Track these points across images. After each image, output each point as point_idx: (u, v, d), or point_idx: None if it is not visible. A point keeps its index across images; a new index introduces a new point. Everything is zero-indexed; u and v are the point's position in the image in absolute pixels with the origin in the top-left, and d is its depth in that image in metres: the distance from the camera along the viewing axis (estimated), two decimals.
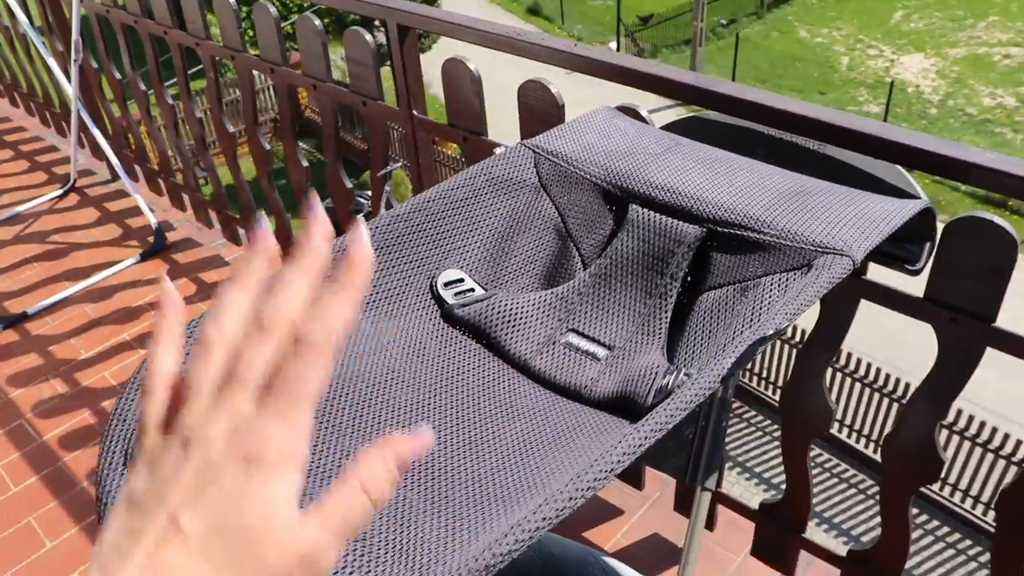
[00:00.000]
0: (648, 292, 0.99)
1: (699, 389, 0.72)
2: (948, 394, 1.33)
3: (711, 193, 1.02)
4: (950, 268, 1.21)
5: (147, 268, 3.04)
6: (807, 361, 1.49)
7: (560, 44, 1.50)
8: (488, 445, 0.82)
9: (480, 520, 0.69)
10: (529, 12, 20.86)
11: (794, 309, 0.82)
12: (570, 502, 0.63)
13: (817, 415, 1.52)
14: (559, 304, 1.01)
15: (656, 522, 1.96)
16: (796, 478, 1.64)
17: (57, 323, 2.80)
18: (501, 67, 7.14)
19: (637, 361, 0.92)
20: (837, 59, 17.67)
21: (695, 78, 1.34)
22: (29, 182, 3.66)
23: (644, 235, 1.02)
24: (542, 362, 0.96)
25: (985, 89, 15.99)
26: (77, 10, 2.81)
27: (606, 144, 1.16)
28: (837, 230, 0.94)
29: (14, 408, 2.46)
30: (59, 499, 2.18)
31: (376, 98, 1.99)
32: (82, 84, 3.23)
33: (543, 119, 1.58)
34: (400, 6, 1.78)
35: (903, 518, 1.50)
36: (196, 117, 2.85)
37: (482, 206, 1.05)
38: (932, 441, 1.38)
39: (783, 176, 1.08)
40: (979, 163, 1.11)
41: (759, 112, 1.29)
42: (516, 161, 1.11)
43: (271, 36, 2.22)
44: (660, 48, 18.70)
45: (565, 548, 1.21)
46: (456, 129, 1.80)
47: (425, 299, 0.99)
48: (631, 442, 0.67)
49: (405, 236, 0.99)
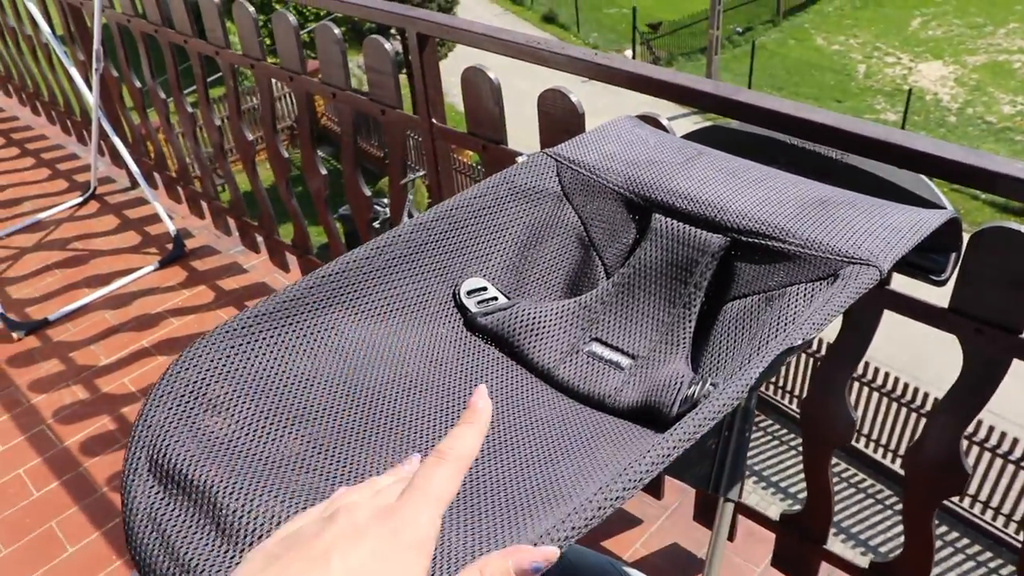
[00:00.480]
0: (672, 301, 0.99)
1: (727, 399, 0.71)
2: (973, 406, 1.31)
3: (734, 202, 1.01)
4: (976, 279, 1.20)
5: (166, 275, 3.06)
6: (830, 372, 1.48)
7: (580, 53, 1.50)
8: (512, 454, 0.82)
9: (507, 530, 0.69)
10: (544, 20, 20.90)
11: (821, 319, 0.81)
12: (599, 512, 0.62)
13: (840, 427, 1.51)
14: (582, 313, 1.00)
15: (675, 532, 1.95)
16: (818, 490, 1.63)
17: (77, 330, 2.82)
18: (515, 76, 7.16)
19: (661, 371, 0.91)
20: (854, 67, 17.61)
21: (715, 87, 1.34)
22: (50, 190, 3.69)
23: (667, 244, 1.01)
24: (565, 371, 0.95)
25: (1005, 97, 15.89)
26: (99, 20, 2.84)
27: (628, 153, 1.15)
28: (863, 240, 0.93)
29: (36, 414, 2.48)
30: (80, 504, 2.19)
31: (395, 106, 1.99)
32: (103, 93, 3.26)
33: (564, 128, 1.58)
34: (420, 15, 1.79)
35: (927, 531, 1.48)
36: (215, 125, 2.86)
37: (505, 215, 1.05)
38: (956, 453, 1.37)
39: (806, 185, 1.08)
40: (1007, 173, 1.10)
41: (780, 121, 1.28)
42: (538, 170, 1.11)
43: (290, 45, 2.24)
44: (676, 56, 18.70)
45: (584, 557, 1.20)
46: (476, 138, 1.80)
47: (448, 307, 0.99)
48: (660, 452, 0.66)
49: (428, 244, 0.99)
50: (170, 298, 2.94)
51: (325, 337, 0.88)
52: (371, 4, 1.93)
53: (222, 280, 3.02)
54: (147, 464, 0.72)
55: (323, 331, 0.89)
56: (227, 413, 0.77)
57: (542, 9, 21.29)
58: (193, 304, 2.91)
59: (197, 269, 3.09)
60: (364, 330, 0.91)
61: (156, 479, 0.71)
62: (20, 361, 2.69)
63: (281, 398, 0.81)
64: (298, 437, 0.77)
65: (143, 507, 0.69)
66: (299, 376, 0.84)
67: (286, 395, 0.81)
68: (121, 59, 3.15)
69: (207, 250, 3.19)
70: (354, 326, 0.91)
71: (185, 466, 0.71)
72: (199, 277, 3.04)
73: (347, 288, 0.92)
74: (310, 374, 0.85)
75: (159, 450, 0.72)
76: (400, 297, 0.95)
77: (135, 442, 0.73)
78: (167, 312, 2.87)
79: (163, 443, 0.72)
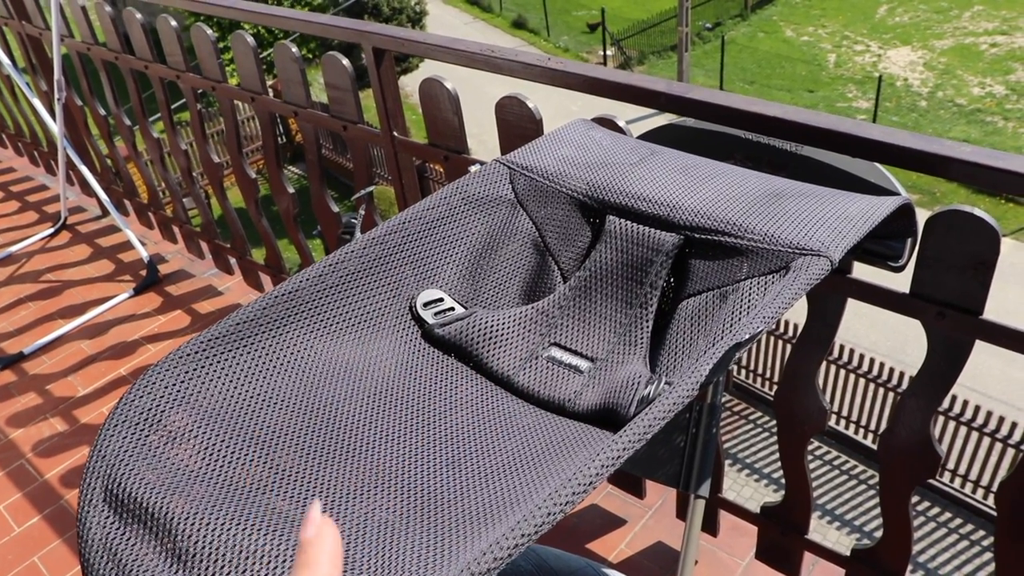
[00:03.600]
0: (628, 302, 0.99)
1: (677, 398, 0.71)
2: (940, 388, 1.32)
3: (687, 200, 1.02)
4: (933, 263, 1.21)
5: (141, 302, 3.04)
6: (798, 362, 1.48)
7: (533, 59, 1.51)
8: (472, 464, 0.82)
9: (461, 540, 0.69)
10: (514, 26, 20.93)
11: (772, 312, 0.82)
12: (549, 517, 0.62)
13: (812, 415, 1.52)
14: (540, 319, 1.00)
15: (659, 530, 1.96)
16: (795, 480, 1.63)
17: (53, 362, 2.80)
18: (490, 83, 7.17)
19: (619, 372, 0.92)
20: (824, 57, 17.71)
21: (667, 85, 1.35)
22: (20, 222, 3.66)
23: (622, 245, 1.02)
24: (525, 377, 0.95)
25: (974, 79, 16.02)
26: (58, 49, 2.83)
27: (582, 156, 1.16)
28: (814, 231, 0.94)
29: (15, 449, 2.46)
30: (63, 537, 2.17)
31: (357, 121, 1.99)
32: (68, 122, 3.24)
33: (521, 134, 1.58)
34: (375, 29, 1.79)
35: (904, 514, 1.49)
36: (181, 150, 2.85)
37: (459, 224, 1.05)
38: (928, 436, 1.37)
39: (759, 179, 1.08)
40: (956, 157, 1.11)
41: (734, 116, 1.29)
42: (491, 178, 1.11)
43: (249, 65, 2.23)
44: (647, 55, 18.75)
45: (564, 562, 1.20)
46: (437, 148, 1.80)
47: (405, 320, 0.99)
48: (609, 455, 0.67)
49: (382, 258, 0.99)
50: (146, 325, 2.93)
51: (282, 357, 0.88)
52: (326, 21, 1.93)
53: (197, 303, 3.00)
54: (102, 494, 0.71)
55: (280, 351, 0.88)
56: (184, 439, 0.76)
57: (511, 15, 21.32)
58: (169, 329, 2.89)
59: (172, 294, 3.07)
60: (321, 348, 0.91)
61: (112, 510, 0.70)
62: None
63: (239, 421, 0.80)
64: (258, 461, 0.77)
65: (99, 538, 0.69)
66: (257, 398, 0.84)
67: (244, 418, 0.81)
68: (84, 88, 3.14)
69: (181, 274, 3.18)
70: (311, 344, 0.91)
71: (142, 495, 0.70)
72: (174, 302, 3.03)
73: (302, 306, 0.92)
74: (268, 395, 0.84)
75: (114, 480, 0.71)
76: (356, 313, 0.95)
77: (89, 473, 0.73)
78: (143, 339, 2.85)
79: (118, 473, 0.72)
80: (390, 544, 0.70)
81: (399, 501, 0.76)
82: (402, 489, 0.77)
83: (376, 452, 0.83)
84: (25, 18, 3.19)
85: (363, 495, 0.76)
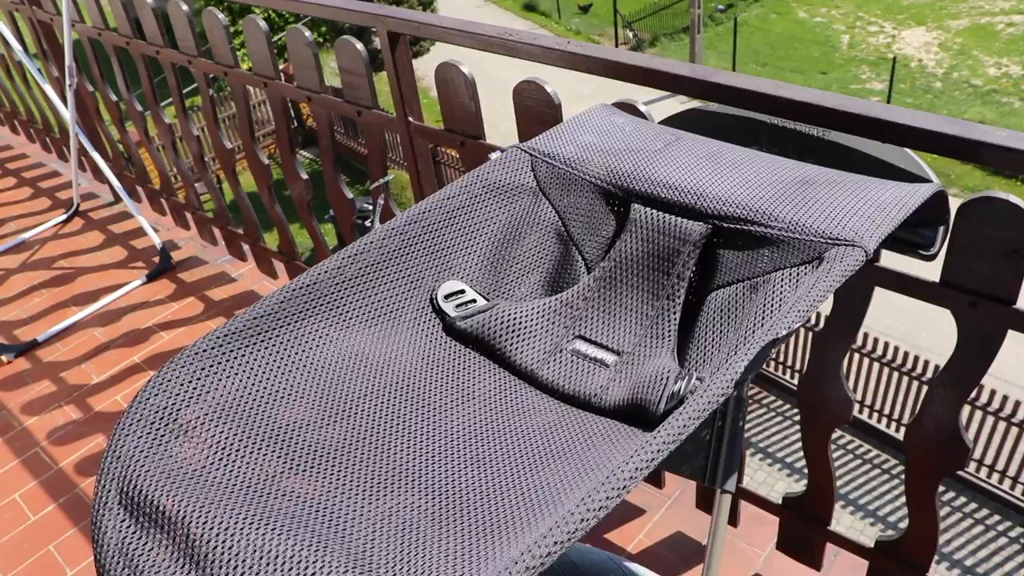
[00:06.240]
0: (655, 294, 0.96)
1: (712, 396, 0.69)
2: (970, 379, 1.29)
3: (715, 188, 0.99)
4: (966, 251, 1.18)
5: (154, 289, 3.03)
6: (823, 352, 1.45)
7: (553, 43, 1.47)
8: (497, 460, 0.80)
9: (491, 545, 0.66)
10: (525, 8, 20.79)
11: (806, 306, 0.79)
12: (583, 523, 0.60)
13: (837, 406, 1.49)
14: (564, 310, 0.98)
15: (678, 520, 1.93)
16: (819, 471, 1.61)
17: (67, 349, 2.79)
18: (500, 67, 7.12)
19: (647, 366, 0.89)
20: (837, 38, 17.53)
21: (691, 69, 1.31)
22: (33, 209, 3.66)
23: (648, 235, 0.99)
24: (549, 371, 0.93)
25: (989, 59, 15.83)
26: (69, 35, 2.80)
27: (604, 143, 1.13)
28: (847, 220, 0.91)
29: (29, 437, 2.46)
30: (78, 525, 2.17)
31: (371, 107, 1.96)
32: (79, 108, 3.22)
33: (540, 119, 1.55)
34: (389, 12, 1.76)
35: (931, 507, 1.46)
36: (193, 135, 2.83)
37: (480, 214, 1.03)
38: (956, 428, 1.35)
39: (788, 166, 1.05)
40: (991, 142, 1.08)
41: (759, 101, 1.26)
42: (512, 165, 1.08)
43: (262, 50, 2.20)
44: (659, 37, 18.61)
45: (585, 554, 1.18)
46: (453, 134, 1.77)
47: (425, 313, 0.96)
48: (643, 456, 0.64)
49: (402, 249, 0.96)
50: (159, 312, 2.92)
51: (300, 351, 0.86)
52: (340, 4, 1.90)
53: (211, 291, 2.99)
54: (117, 496, 0.69)
55: (298, 345, 0.86)
56: (200, 438, 0.74)
57: None
58: (183, 316, 2.88)
59: (185, 281, 3.06)
60: (340, 342, 0.89)
61: (127, 512, 0.68)
62: (11, 384, 2.67)
63: (256, 418, 0.78)
64: (275, 459, 0.75)
65: (114, 542, 0.67)
66: (274, 394, 0.82)
67: (261, 415, 0.79)
68: (95, 74, 3.12)
69: (194, 261, 3.17)
70: (329, 338, 0.89)
71: (157, 497, 0.68)
72: (187, 289, 3.02)
73: (320, 299, 0.90)
74: (286, 391, 0.82)
75: (129, 481, 0.70)
76: (375, 305, 0.93)
77: (104, 475, 0.71)
78: (157, 326, 2.84)
79: (133, 474, 0.70)
80: (415, 546, 0.68)
81: (423, 500, 0.74)
82: (425, 487, 0.75)
83: (397, 448, 0.81)
84: (36, 4, 3.16)
85: (385, 493, 0.74)
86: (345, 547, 0.66)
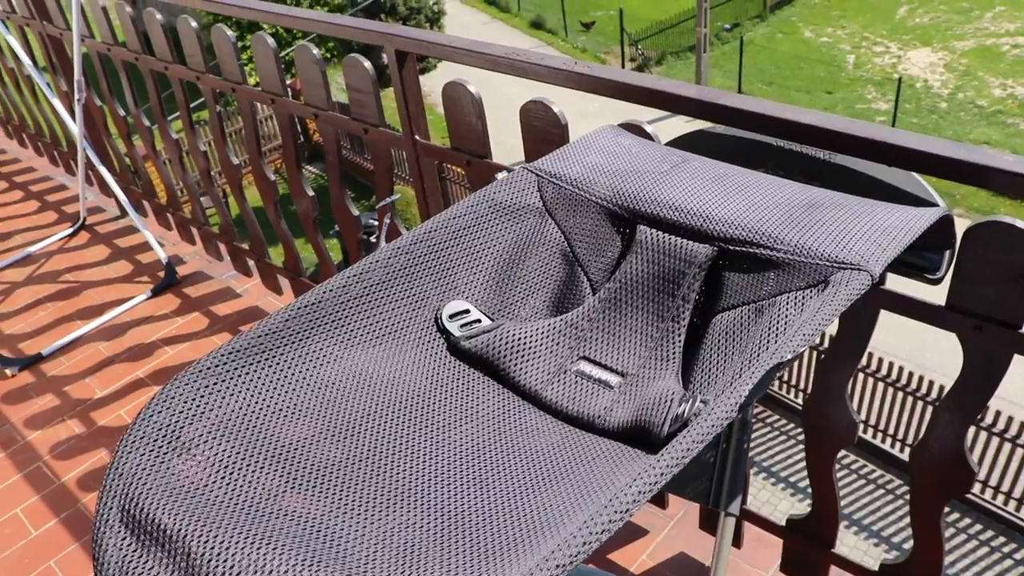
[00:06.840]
0: (660, 316, 0.96)
1: (716, 420, 0.69)
2: (976, 403, 1.29)
3: (721, 210, 0.99)
4: (972, 275, 1.18)
5: (159, 304, 3.04)
6: (829, 374, 1.45)
7: (560, 63, 1.48)
8: (500, 481, 0.79)
9: (493, 566, 0.66)
10: (532, 26, 20.89)
11: (812, 330, 0.79)
12: (584, 547, 0.60)
13: (841, 428, 1.49)
14: (569, 331, 0.98)
15: (682, 541, 1.92)
16: (823, 493, 1.60)
17: (72, 363, 2.79)
18: (506, 84, 7.14)
19: (651, 388, 0.89)
20: (843, 58, 17.59)
21: (698, 91, 1.32)
22: (40, 222, 3.67)
23: (653, 256, 0.99)
24: (553, 392, 0.93)
25: (995, 80, 15.87)
26: (78, 49, 2.82)
27: (611, 164, 1.13)
28: (853, 244, 0.91)
29: (32, 450, 2.45)
30: (80, 541, 2.16)
31: (378, 124, 1.97)
32: (87, 122, 3.24)
33: (547, 139, 1.55)
34: (397, 31, 1.77)
35: (936, 529, 1.45)
36: (200, 150, 2.84)
37: (485, 233, 1.03)
38: (962, 451, 1.34)
39: (794, 189, 1.05)
40: (998, 167, 1.08)
41: (766, 123, 1.26)
42: (519, 185, 1.08)
43: (270, 67, 2.22)
44: (665, 56, 18.68)
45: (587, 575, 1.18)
46: (460, 152, 1.78)
47: (430, 332, 0.96)
48: (647, 479, 0.64)
49: (407, 269, 0.96)
50: (164, 327, 2.92)
51: (304, 370, 0.86)
52: (348, 23, 1.91)
53: (215, 306, 2.99)
54: (119, 514, 0.69)
55: (302, 363, 0.86)
56: (202, 456, 0.74)
57: (529, 16, 21.29)
58: (187, 331, 2.88)
59: (190, 296, 3.06)
60: (344, 360, 0.89)
61: (128, 530, 0.68)
62: (14, 397, 2.67)
63: (259, 436, 0.78)
64: (277, 477, 0.75)
65: (115, 560, 0.67)
66: (278, 412, 0.81)
67: (264, 433, 0.79)
68: (104, 88, 3.13)
69: (199, 276, 3.17)
70: (334, 357, 0.89)
71: (158, 515, 0.68)
72: (192, 304, 3.02)
73: (325, 318, 0.90)
74: (289, 409, 0.82)
75: (131, 499, 0.69)
76: (380, 325, 0.93)
77: (106, 492, 0.71)
78: (161, 341, 2.85)
79: (135, 492, 0.70)
80: (415, 566, 0.67)
81: (424, 519, 0.73)
82: (427, 507, 0.75)
83: (399, 468, 0.80)
84: (46, 18, 3.19)
85: (386, 512, 0.74)
86: (344, 566, 0.66)
